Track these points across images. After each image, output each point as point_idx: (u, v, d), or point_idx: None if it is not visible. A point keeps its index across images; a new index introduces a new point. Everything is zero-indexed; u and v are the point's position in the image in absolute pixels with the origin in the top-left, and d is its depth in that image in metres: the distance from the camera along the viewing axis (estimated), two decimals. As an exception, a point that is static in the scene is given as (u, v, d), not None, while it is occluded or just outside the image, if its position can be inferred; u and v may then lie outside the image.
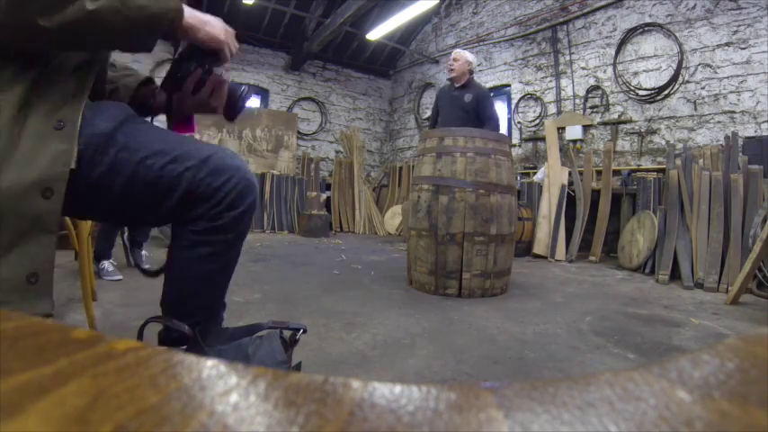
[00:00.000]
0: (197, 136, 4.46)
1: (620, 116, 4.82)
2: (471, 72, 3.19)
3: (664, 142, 4.42)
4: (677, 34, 4.33)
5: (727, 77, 4.02)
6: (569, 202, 4.24)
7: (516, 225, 2.72)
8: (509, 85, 6.10)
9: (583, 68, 5.19)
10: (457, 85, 3.18)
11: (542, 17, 5.58)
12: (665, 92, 4.43)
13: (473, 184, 2.39)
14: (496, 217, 2.41)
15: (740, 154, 3.38)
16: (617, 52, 4.81)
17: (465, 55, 3.19)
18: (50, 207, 0.66)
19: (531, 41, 5.79)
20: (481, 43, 6.39)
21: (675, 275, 3.09)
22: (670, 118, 4.42)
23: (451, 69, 3.17)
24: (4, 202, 0.62)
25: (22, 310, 0.65)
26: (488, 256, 2.41)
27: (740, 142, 3.63)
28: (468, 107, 3.09)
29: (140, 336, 0.86)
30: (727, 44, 4.03)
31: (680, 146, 4.09)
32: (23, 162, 0.64)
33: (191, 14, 0.74)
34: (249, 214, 0.84)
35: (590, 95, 5.11)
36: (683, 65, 4.29)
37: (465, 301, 2.31)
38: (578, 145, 5.11)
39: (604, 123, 4.94)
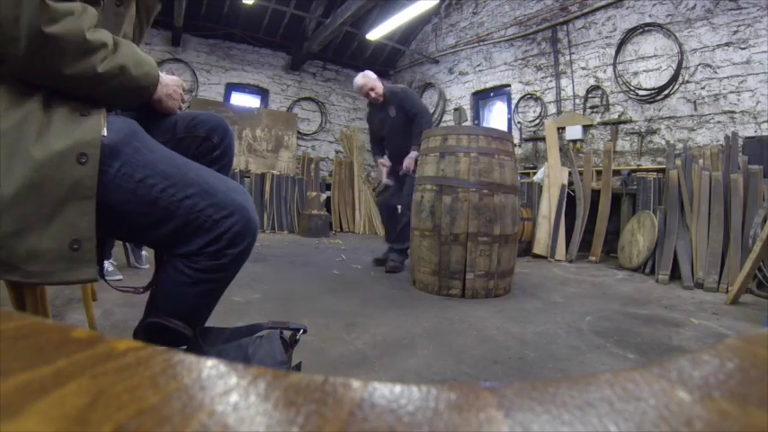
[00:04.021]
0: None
1: (620, 116, 4.82)
2: (379, 86, 3.11)
3: (664, 142, 4.42)
4: (677, 34, 4.33)
5: (727, 77, 4.02)
6: (569, 202, 4.24)
7: (523, 225, 2.72)
8: (509, 85, 6.10)
9: (583, 68, 5.19)
10: (379, 106, 3.17)
11: (542, 17, 5.58)
12: (665, 92, 4.43)
13: (476, 184, 2.39)
14: (500, 217, 2.41)
15: (740, 154, 3.38)
16: (617, 52, 4.81)
17: (369, 79, 3.10)
18: (87, 172, 0.68)
19: (531, 41, 5.79)
20: (481, 43, 6.39)
21: (675, 275, 3.09)
22: (670, 118, 4.41)
23: (377, 98, 3.10)
24: (42, 172, 0.65)
25: (69, 278, 0.68)
26: (492, 257, 2.40)
27: (740, 142, 3.63)
28: (398, 120, 3.07)
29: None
30: (727, 44, 4.03)
31: (680, 146, 4.09)
32: (56, 136, 0.67)
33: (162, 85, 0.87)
34: (248, 252, 0.84)
35: (590, 95, 5.11)
36: (683, 65, 4.29)
37: (465, 301, 2.31)
38: (578, 145, 5.11)
39: (604, 123, 4.94)
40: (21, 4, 0.62)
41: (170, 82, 0.88)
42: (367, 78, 3.11)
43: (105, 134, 0.71)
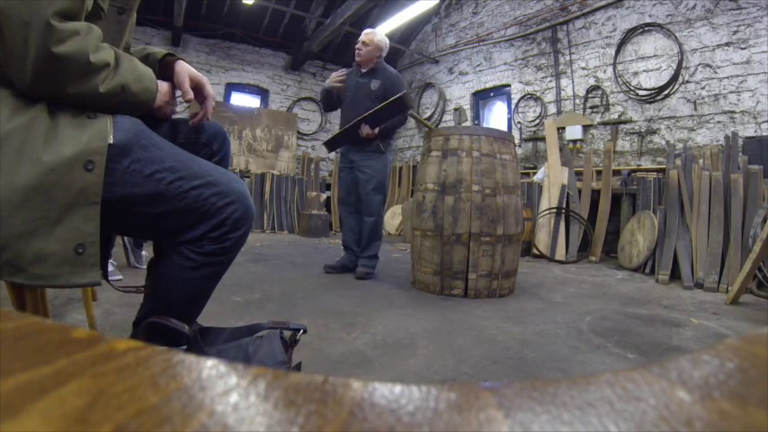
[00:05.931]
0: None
1: (620, 116, 4.82)
2: (380, 57, 2.85)
3: (664, 142, 4.42)
4: (677, 34, 4.33)
5: (727, 77, 4.02)
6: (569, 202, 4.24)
7: (523, 225, 2.71)
8: (509, 85, 6.10)
9: (583, 68, 5.19)
10: (363, 71, 2.85)
11: (542, 17, 5.58)
12: (665, 92, 4.43)
13: (479, 184, 2.39)
14: (503, 217, 2.41)
15: (740, 154, 3.38)
16: (617, 52, 4.81)
17: (376, 38, 2.80)
18: (93, 179, 0.70)
19: (531, 41, 5.79)
20: (481, 43, 6.39)
21: (675, 275, 3.09)
22: (670, 118, 4.42)
23: (359, 54, 2.81)
24: (50, 177, 0.67)
25: (73, 281, 0.70)
26: (495, 257, 2.40)
27: (740, 142, 3.63)
28: (374, 96, 2.76)
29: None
30: (727, 44, 4.03)
31: (680, 146, 4.09)
32: (64, 142, 0.69)
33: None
34: (246, 236, 0.90)
35: (590, 95, 5.11)
36: (683, 65, 4.29)
37: (465, 301, 2.31)
38: (578, 145, 5.11)
39: (604, 123, 4.94)
40: (29, 24, 0.63)
41: (164, 90, 0.90)
42: (372, 34, 2.84)
43: (112, 141, 0.73)
